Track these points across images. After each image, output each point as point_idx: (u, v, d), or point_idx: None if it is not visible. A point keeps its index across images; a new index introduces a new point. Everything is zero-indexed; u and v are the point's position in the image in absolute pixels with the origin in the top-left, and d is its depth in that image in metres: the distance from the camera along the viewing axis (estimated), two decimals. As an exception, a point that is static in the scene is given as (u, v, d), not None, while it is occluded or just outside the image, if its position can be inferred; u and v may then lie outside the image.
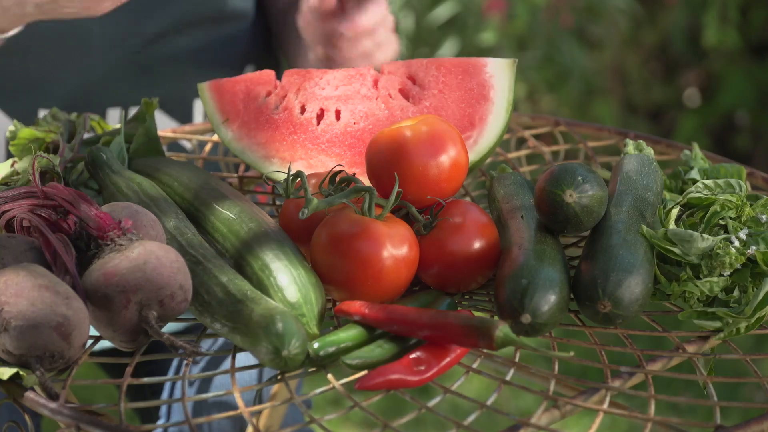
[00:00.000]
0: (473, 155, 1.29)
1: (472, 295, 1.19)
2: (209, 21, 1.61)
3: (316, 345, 1.04)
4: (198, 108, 1.68)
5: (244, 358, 1.51)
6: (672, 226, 1.16)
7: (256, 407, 1.03)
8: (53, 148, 1.32)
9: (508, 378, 1.05)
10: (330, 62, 1.52)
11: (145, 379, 1.06)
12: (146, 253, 1.02)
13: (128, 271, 1.01)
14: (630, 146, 1.26)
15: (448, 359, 1.04)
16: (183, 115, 1.68)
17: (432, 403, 1.02)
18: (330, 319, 1.14)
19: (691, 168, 1.30)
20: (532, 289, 1.07)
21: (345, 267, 1.11)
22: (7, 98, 1.58)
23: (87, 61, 1.58)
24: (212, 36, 1.41)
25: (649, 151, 1.26)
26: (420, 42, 3.33)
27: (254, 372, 1.57)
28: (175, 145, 1.68)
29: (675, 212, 1.17)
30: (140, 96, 1.53)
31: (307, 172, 1.28)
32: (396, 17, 1.56)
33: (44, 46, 1.54)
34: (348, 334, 1.06)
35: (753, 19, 3.45)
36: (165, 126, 1.65)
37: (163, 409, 1.64)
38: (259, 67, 1.70)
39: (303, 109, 1.34)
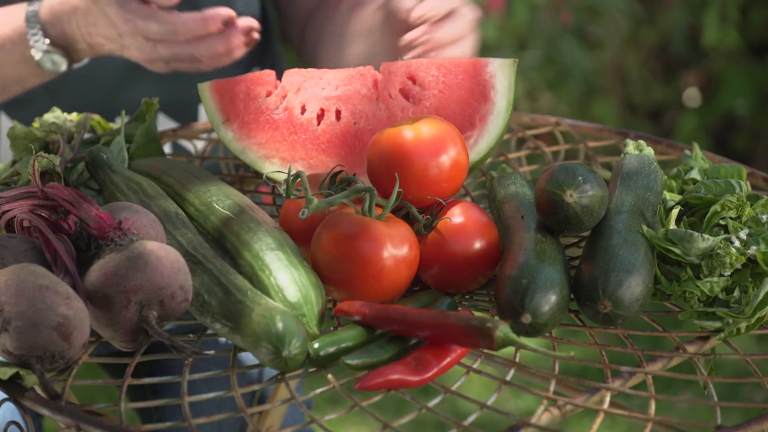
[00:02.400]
0: (473, 155, 1.29)
1: (473, 295, 1.19)
2: None
3: (316, 345, 1.04)
4: (203, 112, 1.68)
5: (244, 358, 1.51)
6: (672, 226, 1.16)
7: (257, 408, 1.03)
8: (53, 148, 1.32)
9: (508, 378, 1.05)
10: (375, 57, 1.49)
11: (146, 380, 1.06)
12: (147, 253, 1.02)
13: (129, 271, 1.01)
14: (630, 146, 1.26)
15: (448, 359, 1.04)
16: (188, 120, 1.68)
17: (432, 403, 1.02)
18: (330, 319, 1.14)
19: (692, 168, 1.30)
20: (533, 289, 1.07)
21: (345, 267, 1.11)
22: (18, 105, 1.58)
23: (101, 68, 1.59)
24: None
25: (650, 151, 1.25)
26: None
27: (255, 372, 1.57)
28: (175, 146, 1.68)
29: (675, 212, 1.17)
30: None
31: (307, 173, 1.28)
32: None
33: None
34: (348, 334, 1.06)
35: (753, 19, 3.45)
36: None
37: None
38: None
39: (303, 110, 1.34)
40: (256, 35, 1.40)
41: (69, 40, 1.42)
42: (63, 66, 1.43)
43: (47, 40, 1.42)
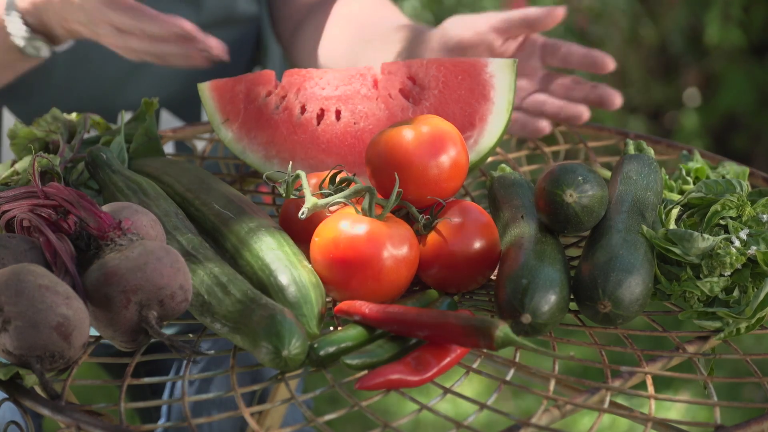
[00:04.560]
0: (473, 155, 1.29)
1: (473, 295, 1.19)
2: (218, 24, 1.64)
3: (316, 345, 1.04)
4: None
5: (243, 358, 1.51)
6: (672, 226, 1.16)
7: (256, 407, 1.03)
8: (53, 148, 1.32)
9: (508, 378, 1.05)
10: None
11: (146, 379, 1.06)
12: (146, 253, 1.02)
13: (128, 271, 1.01)
14: (630, 146, 1.26)
15: (448, 359, 1.04)
16: (191, 117, 1.68)
17: (432, 402, 1.02)
18: (330, 319, 1.14)
19: (692, 168, 1.30)
20: (533, 289, 1.07)
21: (345, 267, 1.11)
22: (19, 101, 1.59)
23: (101, 65, 1.60)
24: (221, 39, 1.45)
25: (650, 151, 1.26)
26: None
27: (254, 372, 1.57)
28: (174, 146, 1.68)
29: (675, 212, 1.17)
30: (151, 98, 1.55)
31: (307, 173, 1.28)
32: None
33: (63, 51, 1.57)
34: (348, 334, 1.06)
35: (753, 19, 3.45)
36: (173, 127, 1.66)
37: (164, 409, 1.64)
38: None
39: (303, 109, 1.34)
40: (220, 55, 1.40)
41: (47, 26, 1.46)
42: (45, 51, 1.48)
43: (26, 28, 1.45)
